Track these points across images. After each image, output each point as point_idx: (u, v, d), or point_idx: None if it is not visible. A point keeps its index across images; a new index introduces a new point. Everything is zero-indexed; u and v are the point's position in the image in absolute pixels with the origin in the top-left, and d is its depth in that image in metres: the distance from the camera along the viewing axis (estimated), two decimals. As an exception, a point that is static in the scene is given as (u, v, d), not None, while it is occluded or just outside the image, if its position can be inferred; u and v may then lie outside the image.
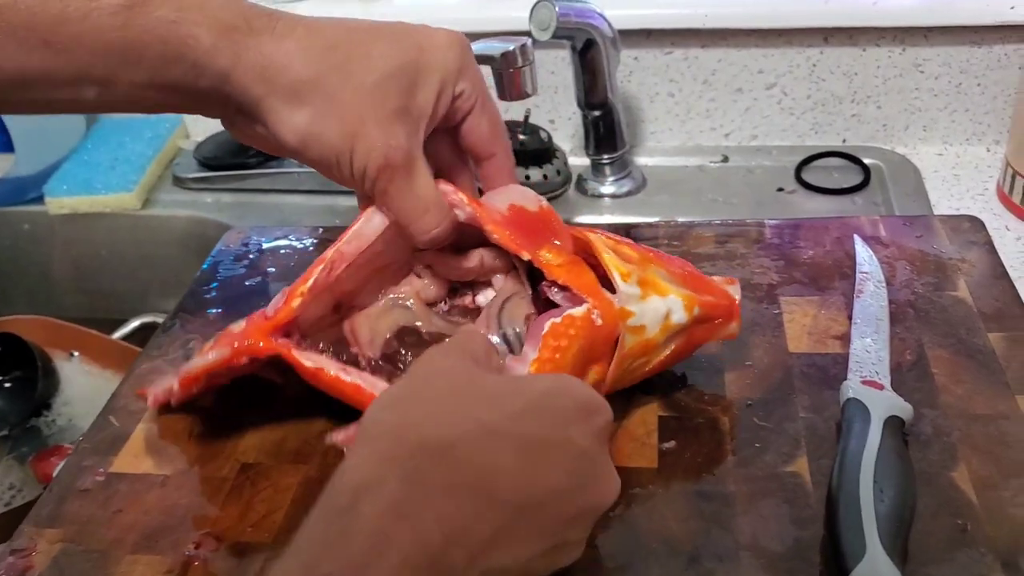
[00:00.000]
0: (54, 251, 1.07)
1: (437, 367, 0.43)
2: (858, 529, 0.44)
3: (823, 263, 0.68)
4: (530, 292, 0.56)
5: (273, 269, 0.75)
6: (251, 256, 0.77)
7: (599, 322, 0.51)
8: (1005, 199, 0.86)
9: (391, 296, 0.58)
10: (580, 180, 0.95)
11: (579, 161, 0.97)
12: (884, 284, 0.65)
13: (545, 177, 0.92)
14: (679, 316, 0.53)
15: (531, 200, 0.56)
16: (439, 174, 0.56)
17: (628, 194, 0.93)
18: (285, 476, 0.55)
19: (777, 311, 0.64)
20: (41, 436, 0.93)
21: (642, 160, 0.99)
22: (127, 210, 1.02)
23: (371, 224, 0.54)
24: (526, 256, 0.53)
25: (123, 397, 0.64)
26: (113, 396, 0.64)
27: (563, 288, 0.52)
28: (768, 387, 0.57)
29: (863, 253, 0.68)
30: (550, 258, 0.53)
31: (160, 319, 1.02)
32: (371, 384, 0.52)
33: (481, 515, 0.36)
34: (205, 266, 0.76)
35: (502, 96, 0.78)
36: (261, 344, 0.53)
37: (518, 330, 0.54)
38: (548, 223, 0.55)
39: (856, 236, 0.70)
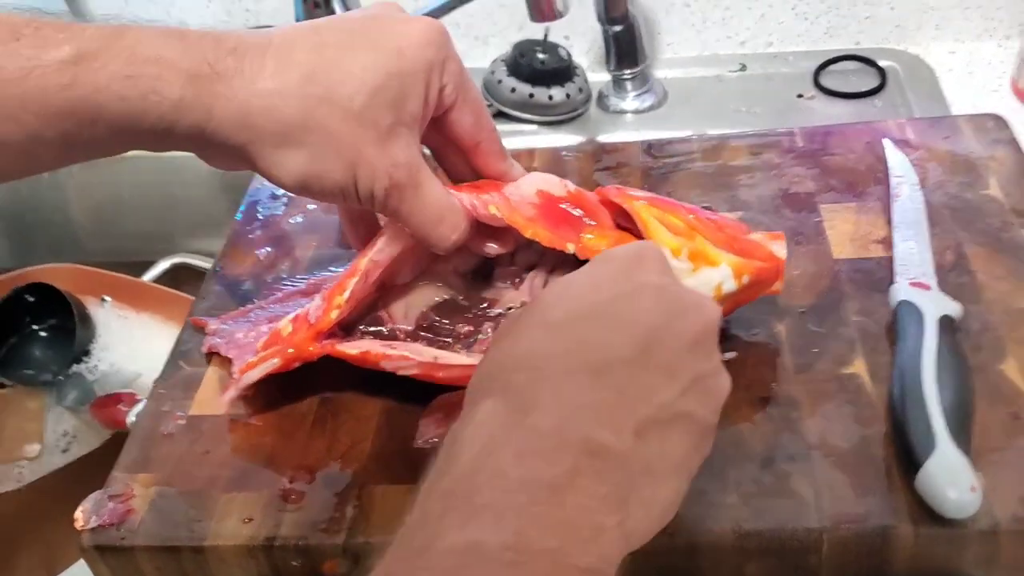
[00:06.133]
0: (75, 195, 1.06)
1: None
2: (926, 426, 0.46)
3: (857, 168, 0.70)
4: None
5: (313, 206, 0.76)
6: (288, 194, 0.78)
7: None
8: (1020, 94, 0.87)
9: (428, 274, 0.58)
10: (601, 97, 0.95)
11: (598, 78, 0.97)
12: (919, 186, 0.66)
13: (568, 96, 0.92)
14: (729, 285, 0.53)
15: (556, 185, 0.55)
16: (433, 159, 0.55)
17: (650, 108, 0.93)
18: (364, 407, 0.57)
19: (818, 219, 0.65)
20: (86, 382, 0.94)
21: (660, 73, 0.99)
22: (148, 150, 1.01)
23: (403, 232, 0.54)
24: (571, 248, 0.52)
25: (187, 342, 0.65)
26: (178, 342, 0.65)
27: None
28: (818, 294, 0.59)
29: (895, 157, 0.69)
30: (596, 242, 0.52)
31: (190, 259, 1.02)
32: (416, 352, 0.54)
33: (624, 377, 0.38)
34: (243, 207, 0.77)
35: (534, 18, 0.78)
36: (311, 349, 0.55)
37: None
38: (581, 204, 0.54)
39: (886, 140, 0.72)
